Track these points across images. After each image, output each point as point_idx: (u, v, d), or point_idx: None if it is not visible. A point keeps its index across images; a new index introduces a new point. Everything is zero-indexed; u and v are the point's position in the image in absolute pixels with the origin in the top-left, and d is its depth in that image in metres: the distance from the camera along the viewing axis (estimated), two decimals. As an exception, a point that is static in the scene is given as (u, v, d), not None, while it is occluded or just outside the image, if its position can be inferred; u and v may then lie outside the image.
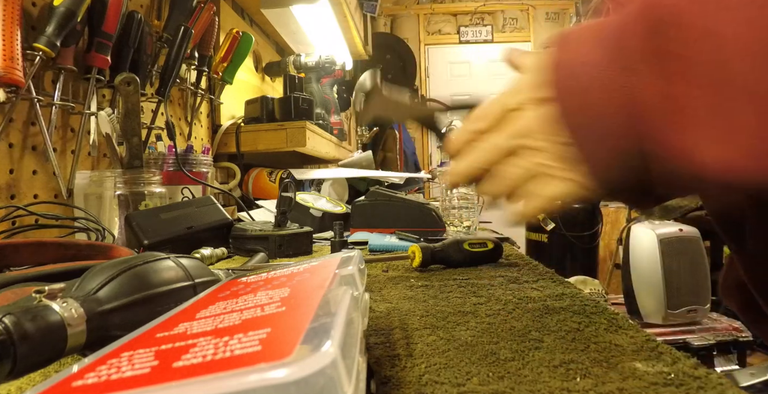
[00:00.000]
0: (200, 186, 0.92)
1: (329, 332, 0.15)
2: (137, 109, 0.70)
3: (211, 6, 1.08)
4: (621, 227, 2.71)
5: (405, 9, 4.21)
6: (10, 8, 0.60)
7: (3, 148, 0.64)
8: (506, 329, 0.32)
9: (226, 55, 1.21)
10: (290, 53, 1.79)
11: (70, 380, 0.15)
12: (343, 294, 0.20)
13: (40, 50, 0.65)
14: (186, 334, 0.18)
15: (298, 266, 0.30)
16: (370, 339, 0.31)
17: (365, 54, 2.24)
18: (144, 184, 0.70)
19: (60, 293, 0.24)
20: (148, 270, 0.28)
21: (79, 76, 0.76)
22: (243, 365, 0.13)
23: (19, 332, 0.20)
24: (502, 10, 4.24)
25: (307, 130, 1.24)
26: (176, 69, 0.96)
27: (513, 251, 0.68)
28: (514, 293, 0.42)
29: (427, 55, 4.30)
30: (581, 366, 0.25)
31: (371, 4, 2.20)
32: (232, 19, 1.36)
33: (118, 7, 0.76)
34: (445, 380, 0.24)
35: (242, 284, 0.28)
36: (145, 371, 0.14)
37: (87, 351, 0.24)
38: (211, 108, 1.28)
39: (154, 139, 0.94)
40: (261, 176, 1.32)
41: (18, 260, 0.46)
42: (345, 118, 2.34)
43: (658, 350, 0.27)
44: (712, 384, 0.22)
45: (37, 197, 0.69)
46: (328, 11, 1.55)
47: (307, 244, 0.71)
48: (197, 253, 0.64)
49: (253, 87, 1.55)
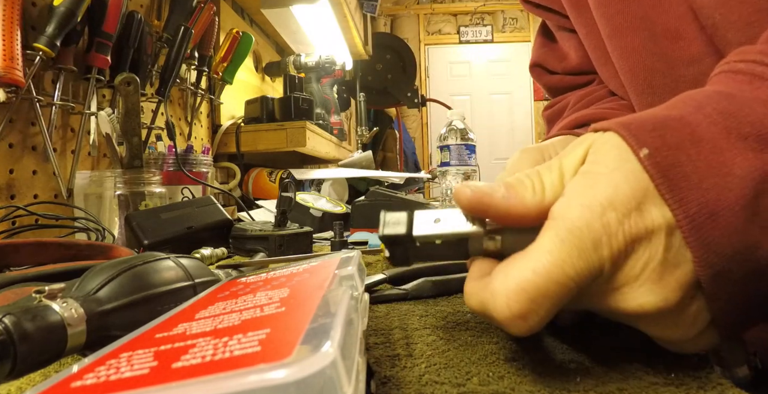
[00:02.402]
0: (200, 186, 0.92)
1: (329, 332, 0.15)
2: (137, 109, 0.70)
3: (211, 6, 1.08)
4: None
5: (405, 9, 4.21)
6: (10, 8, 0.60)
7: (3, 148, 0.64)
8: (506, 329, 0.32)
9: (226, 55, 1.21)
10: (290, 53, 1.79)
11: (69, 380, 0.15)
12: (343, 294, 0.20)
13: (40, 50, 0.65)
14: (185, 334, 0.18)
15: (298, 267, 0.30)
16: (369, 339, 0.31)
17: (365, 54, 2.24)
18: (144, 184, 0.70)
19: (60, 293, 0.24)
20: (148, 270, 0.28)
21: (79, 76, 0.76)
22: (242, 365, 0.13)
23: (19, 332, 0.20)
24: (502, 10, 4.24)
25: (307, 130, 1.24)
26: (176, 69, 0.96)
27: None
28: (514, 293, 0.42)
29: (427, 55, 4.31)
30: (581, 366, 0.25)
31: (371, 4, 2.20)
32: (232, 19, 1.36)
33: (118, 7, 0.76)
34: (445, 380, 0.24)
35: (241, 284, 0.28)
36: (144, 371, 0.14)
37: (87, 351, 0.24)
38: (211, 108, 1.28)
39: (154, 139, 0.94)
40: (261, 176, 1.32)
41: (18, 260, 0.46)
42: (345, 118, 2.34)
43: (659, 349, 0.27)
44: (712, 384, 0.22)
45: (37, 197, 0.69)
46: (328, 11, 1.55)
47: (307, 244, 0.71)
48: (197, 253, 0.64)
49: (253, 87, 1.55)
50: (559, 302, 0.21)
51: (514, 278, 0.21)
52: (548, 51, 0.61)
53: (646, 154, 0.21)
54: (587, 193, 0.21)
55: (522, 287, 0.21)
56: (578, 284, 0.21)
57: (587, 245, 0.21)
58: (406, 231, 0.26)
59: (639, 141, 0.21)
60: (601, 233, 0.21)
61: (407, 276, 0.43)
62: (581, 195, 0.22)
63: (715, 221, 0.20)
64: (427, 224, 0.26)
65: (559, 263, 0.21)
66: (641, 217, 0.21)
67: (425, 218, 0.26)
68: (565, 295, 0.21)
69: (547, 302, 0.21)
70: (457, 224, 0.26)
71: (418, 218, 0.27)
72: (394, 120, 3.01)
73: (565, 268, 0.21)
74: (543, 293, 0.21)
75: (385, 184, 1.40)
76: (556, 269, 0.21)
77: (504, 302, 0.21)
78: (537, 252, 0.21)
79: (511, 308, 0.21)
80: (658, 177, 0.21)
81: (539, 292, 0.21)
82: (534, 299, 0.21)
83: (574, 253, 0.21)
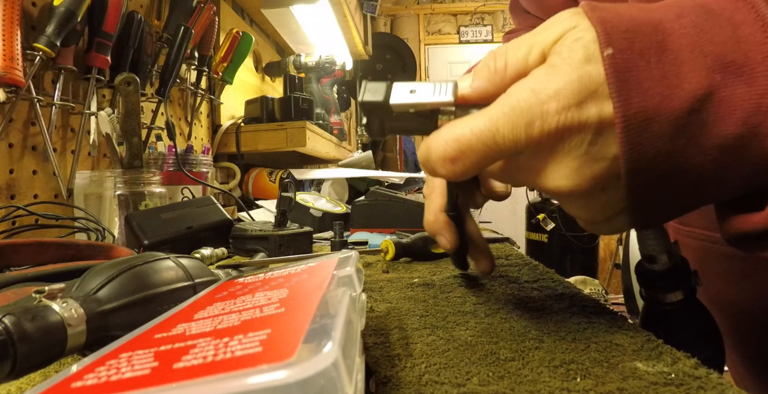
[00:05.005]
0: (200, 186, 0.92)
1: (330, 333, 0.15)
2: (137, 109, 0.70)
3: (211, 6, 1.08)
4: (621, 226, 2.70)
5: (405, 9, 4.21)
6: (10, 8, 0.60)
7: (3, 148, 0.64)
8: (506, 329, 0.32)
9: (226, 55, 1.21)
10: (290, 53, 1.79)
11: (69, 380, 0.15)
12: (342, 295, 0.20)
13: (40, 50, 0.65)
14: (185, 335, 0.18)
15: (296, 267, 0.30)
16: (369, 339, 0.31)
17: (365, 54, 2.24)
18: (144, 184, 0.70)
19: (60, 293, 0.24)
20: (148, 270, 0.28)
21: (79, 76, 0.76)
22: (244, 366, 0.13)
23: (19, 332, 0.20)
24: (502, 10, 4.24)
25: (307, 130, 1.24)
26: (176, 69, 0.96)
27: (513, 251, 0.68)
28: (514, 293, 0.42)
29: (427, 55, 4.30)
30: (581, 366, 0.25)
31: (371, 4, 2.20)
32: (232, 19, 1.36)
33: (118, 7, 0.76)
34: (445, 380, 0.24)
35: (240, 284, 0.28)
36: (146, 372, 0.14)
37: (87, 351, 0.24)
38: (211, 108, 1.28)
39: (154, 139, 0.94)
40: (261, 176, 1.32)
41: (18, 260, 0.46)
42: (345, 118, 2.34)
43: (659, 349, 0.27)
44: (712, 384, 0.22)
45: (37, 197, 0.69)
46: (328, 11, 1.55)
47: (307, 244, 0.71)
48: (197, 253, 0.64)
49: (253, 87, 1.55)
50: (482, 160, 0.26)
51: (455, 130, 0.26)
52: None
53: (609, 54, 0.23)
54: (542, 82, 0.24)
55: (457, 138, 0.26)
56: (502, 151, 0.25)
57: (521, 123, 0.24)
58: (383, 99, 0.28)
59: (609, 40, 0.23)
60: (537, 117, 0.24)
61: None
62: (536, 82, 0.25)
63: (649, 125, 0.23)
64: (404, 94, 0.28)
65: (492, 130, 0.25)
66: (578, 112, 0.24)
67: (402, 89, 0.28)
68: (488, 157, 0.26)
69: (473, 155, 0.25)
70: (430, 95, 0.28)
71: (396, 89, 0.28)
72: (394, 120, 3.00)
73: (495, 135, 0.25)
74: (471, 147, 0.25)
75: (385, 184, 1.40)
76: (487, 133, 0.25)
77: (442, 145, 0.26)
78: (480, 116, 0.25)
79: (446, 151, 0.26)
80: (612, 76, 0.23)
81: (469, 146, 0.25)
82: (463, 150, 0.26)
83: (508, 126, 0.24)
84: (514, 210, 3.88)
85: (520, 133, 0.24)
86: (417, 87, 0.28)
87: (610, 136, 0.24)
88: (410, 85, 0.28)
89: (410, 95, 0.28)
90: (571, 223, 2.48)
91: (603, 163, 0.24)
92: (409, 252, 0.63)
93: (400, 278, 0.51)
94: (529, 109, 0.24)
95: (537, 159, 0.26)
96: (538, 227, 2.62)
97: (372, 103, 0.28)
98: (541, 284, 0.45)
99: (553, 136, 0.24)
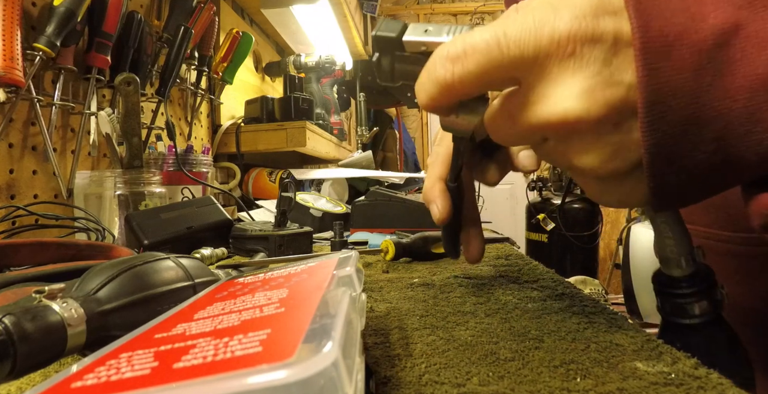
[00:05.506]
0: (200, 186, 0.92)
1: (330, 333, 0.15)
2: (137, 109, 0.70)
3: (211, 6, 1.08)
4: (621, 226, 2.71)
5: (405, 9, 4.21)
6: (10, 8, 0.60)
7: (3, 148, 0.64)
8: (506, 329, 0.32)
9: (226, 55, 1.21)
10: (290, 53, 1.79)
11: (69, 380, 0.15)
12: (342, 295, 0.20)
13: (40, 50, 0.65)
14: (185, 335, 0.18)
15: (296, 267, 0.30)
16: (369, 339, 0.31)
17: (365, 54, 2.24)
18: (144, 184, 0.70)
19: (60, 293, 0.24)
20: (148, 270, 0.28)
21: (79, 76, 0.76)
22: (245, 366, 0.13)
23: (19, 332, 0.20)
24: (502, 10, 4.24)
25: (307, 130, 1.24)
26: (176, 69, 0.96)
27: (513, 251, 0.68)
28: (514, 293, 0.42)
29: (427, 55, 4.30)
30: (581, 366, 0.25)
31: (371, 4, 2.20)
32: (232, 19, 1.36)
33: (118, 7, 0.76)
34: (445, 380, 0.24)
35: (239, 284, 0.28)
36: (146, 372, 0.14)
37: (87, 351, 0.24)
38: (211, 108, 1.28)
39: (154, 139, 0.94)
40: (261, 176, 1.32)
41: (18, 260, 0.46)
42: (345, 118, 2.34)
43: (659, 350, 0.27)
44: (712, 384, 0.22)
45: (37, 197, 0.69)
46: (328, 11, 1.55)
47: (307, 244, 0.71)
48: (197, 253, 0.64)
49: (253, 87, 1.55)
50: (485, 66, 0.24)
51: (470, 34, 0.24)
52: None
53: None
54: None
55: (463, 38, 0.24)
56: (507, 58, 0.23)
57: (529, 27, 0.23)
58: (397, 34, 0.28)
59: None
60: (548, 22, 0.22)
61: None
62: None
63: (670, 52, 0.21)
64: (418, 33, 0.28)
65: (500, 33, 0.23)
66: (594, 22, 0.22)
67: (417, 28, 0.28)
68: (492, 62, 0.23)
69: (476, 56, 0.24)
70: (444, 35, 0.28)
71: (411, 28, 0.29)
72: (394, 120, 3.01)
73: (501, 39, 0.23)
74: (475, 47, 0.24)
75: (385, 184, 1.40)
76: (494, 36, 0.23)
77: (448, 45, 0.25)
78: (494, 24, 0.24)
79: (449, 50, 0.24)
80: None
81: (473, 45, 0.24)
82: (466, 49, 0.24)
83: (516, 30, 0.23)
84: (514, 210, 3.88)
85: (528, 39, 0.22)
86: (432, 27, 0.28)
87: (626, 59, 0.22)
88: (425, 26, 0.28)
89: (424, 34, 0.28)
90: (571, 223, 2.48)
91: (618, 89, 0.22)
92: (409, 252, 0.63)
93: (400, 278, 0.51)
94: (542, 15, 0.22)
95: (544, 78, 0.23)
96: (538, 226, 2.61)
97: (385, 38, 0.28)
98: (541, 284, 0.45)
99: (563, 45, 0.22)
